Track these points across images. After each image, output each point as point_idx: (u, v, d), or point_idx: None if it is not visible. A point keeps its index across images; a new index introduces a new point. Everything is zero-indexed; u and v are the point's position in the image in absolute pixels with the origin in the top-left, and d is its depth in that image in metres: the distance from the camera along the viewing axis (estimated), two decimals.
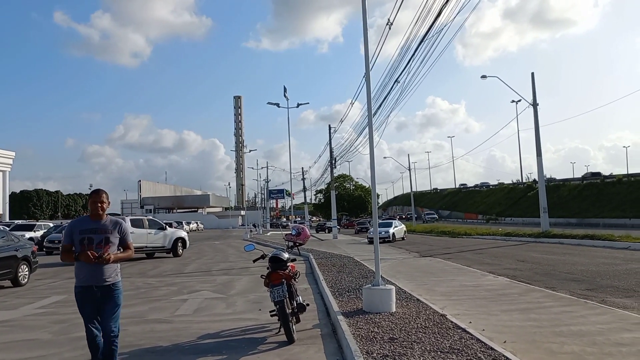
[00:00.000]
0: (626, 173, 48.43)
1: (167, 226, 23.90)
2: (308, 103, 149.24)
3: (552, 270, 13.96)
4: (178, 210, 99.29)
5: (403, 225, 36.92)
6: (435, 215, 69.40)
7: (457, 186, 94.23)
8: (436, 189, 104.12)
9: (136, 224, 20.81)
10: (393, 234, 32.72)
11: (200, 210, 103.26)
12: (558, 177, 67.47)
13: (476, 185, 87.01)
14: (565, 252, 19.50)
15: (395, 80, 17.65)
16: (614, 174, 49.58)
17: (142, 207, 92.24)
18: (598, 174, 52.60)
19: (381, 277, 8.60)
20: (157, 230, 22.03)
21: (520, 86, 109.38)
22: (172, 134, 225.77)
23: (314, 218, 78.66)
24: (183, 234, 23.93)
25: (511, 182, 76.05)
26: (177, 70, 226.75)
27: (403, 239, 34.03)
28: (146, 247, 21.31)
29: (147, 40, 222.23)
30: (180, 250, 23.10)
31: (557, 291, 10.30)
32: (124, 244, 4.85)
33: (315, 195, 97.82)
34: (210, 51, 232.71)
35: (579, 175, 79.66)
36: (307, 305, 7.50)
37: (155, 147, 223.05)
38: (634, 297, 9.41)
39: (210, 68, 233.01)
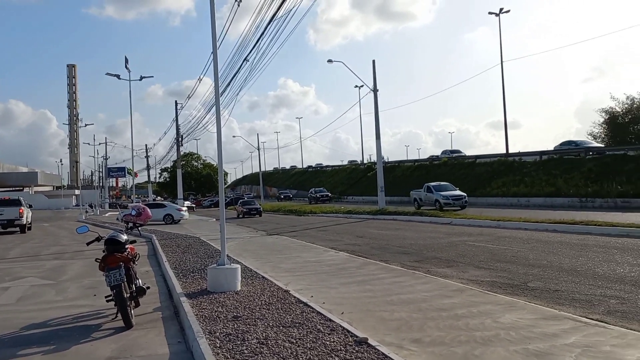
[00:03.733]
0: (449, 156, 54.78)
1: None
2: (152, 77, 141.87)
3: (387, 245, 15.12)
4: None
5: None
6: (290, 194, 69.87)
7: (304, 167, 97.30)
8: (284, 168, 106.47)
9: None
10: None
11: (26, 190, 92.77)
12: (394, 158, 73.37)
13: (318, 165, 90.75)
14: (399, 227, 21.24)
15: (245, 59, 17.50)
16: (439, 156, 55.69)
17: None
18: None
19: (227, 256, 8.54)
20: None
21: (365, 73, 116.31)
22: None
23: (159, 197, 75.31)
24: None
25: (355, 162, 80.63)
26: (3, 32, 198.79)
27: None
28: None
29: None
30: None
31: (390, 264, 11.18)
32: None
33: (160, 173, 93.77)
34: (45, 14, 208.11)
35: (412, 157, 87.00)
36: (148, 288, 7.18)
37: None
38: (454, 267, 10.58)
39: (45, 33, 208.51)
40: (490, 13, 46.97)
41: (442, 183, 32.14)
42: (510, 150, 44.39)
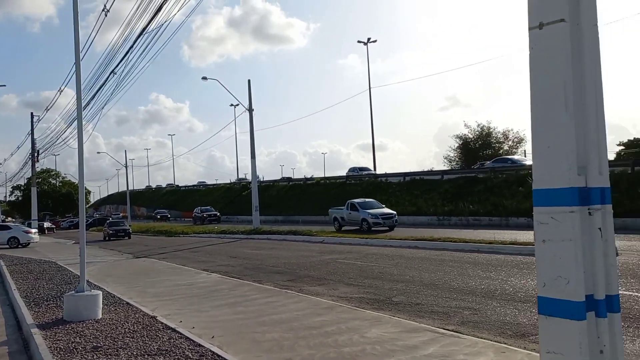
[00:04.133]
0: (323, 176, 56.40)
1: None
2: (5, 85, 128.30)
3: (260, 265, 15.09)
4: None
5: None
6: (168, 214, 64.73)
7: (176, 185, 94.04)
8: (150, 186, 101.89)
9: None
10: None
11: None
12: (269, 177, 73.85)
13: (194, 185, 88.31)
14: (272, 247, 21.32)
15: (112, 71, 16.61)
16: (314, 176, 56.99)
17: None
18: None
19: (87, 281, 7.95)
20: None
21: (241, 92, 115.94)
22: None
23: (9, 219, 67.84)
24: None
25: (229, 181, 79.73)
26: None
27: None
28: None
29: None
30: None
31: (263, 284, 11.17)
32: None
33: (11, 192, 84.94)
34: None
35: (287, 176, 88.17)
36: None
37: None
38: (325, 285, 10.85)
39: None
40: (359, 42, 49.78)
41: (368, 200, 28.80)
42: (378, 172, 46.99)
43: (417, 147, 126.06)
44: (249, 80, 31.91)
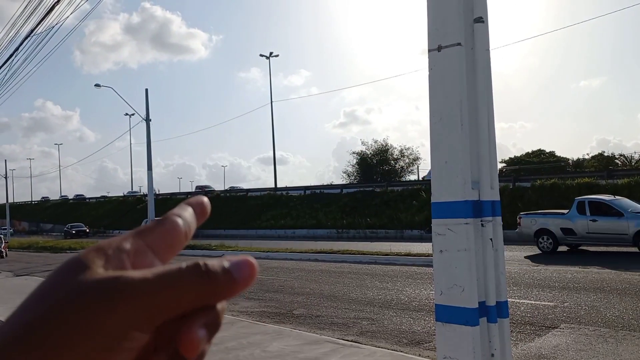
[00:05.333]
0: (223, 189, 55.46)
1: None
2: None
3: None
4: None
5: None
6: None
7: (66, 196, 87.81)
8: (47, 198, 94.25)
9: None
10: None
11: None
12: (166, 190, 71.20)
13: (83, 197, 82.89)
14: None
15: None
16: (214, 189, 55.79)
17: None
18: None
19: None
20: None
21: (138, 101, 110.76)
22: None
23: None
24: None
25: (122, 194, 75.72)
26: None
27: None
28: None
29: None
30: None
31: None
32: None
33: None
34: None
35: (185, 189, 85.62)
36: None
37: None
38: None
39: None
40: (261, 55, 49.96)
41: None
42: (279, 185, 47.17)
43: (317, 162, 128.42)
44: (146, 90, 30.60)
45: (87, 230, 50.70)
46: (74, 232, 49.36)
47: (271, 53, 49.10)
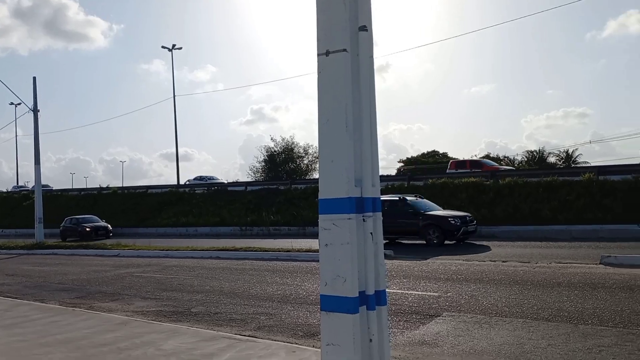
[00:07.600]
0: (121, 185, 52.85)
1: None
2: None
3: (44, 282, 13.59)
4: None
5: None
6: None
7: None
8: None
9: None
10: None
11: None
12: (59, 186, 66.49)
13: None
14: (59, 262, 19.31)
15: None
16: (110, 185, 53.08)
17: None
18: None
19: None
20: None
21: (26, 91, 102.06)
22: None
23: None
24: None
25: (6, 190, 69.70)
26: None
27: None
28: None
29: None
30: None
31: (46, 302, 10.11)
32: None
33: None
34: None
35: (78, 185, 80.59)
36: None
37: None
38: (119, 300, 10.25)
39: None
40: (163, 47, 48.32)
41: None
42: (182, 182, 45.87)
43: (223, 159, 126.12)
44: (34, 78, 28.47)
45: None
46: None
47: (174, 45, 47.64)
